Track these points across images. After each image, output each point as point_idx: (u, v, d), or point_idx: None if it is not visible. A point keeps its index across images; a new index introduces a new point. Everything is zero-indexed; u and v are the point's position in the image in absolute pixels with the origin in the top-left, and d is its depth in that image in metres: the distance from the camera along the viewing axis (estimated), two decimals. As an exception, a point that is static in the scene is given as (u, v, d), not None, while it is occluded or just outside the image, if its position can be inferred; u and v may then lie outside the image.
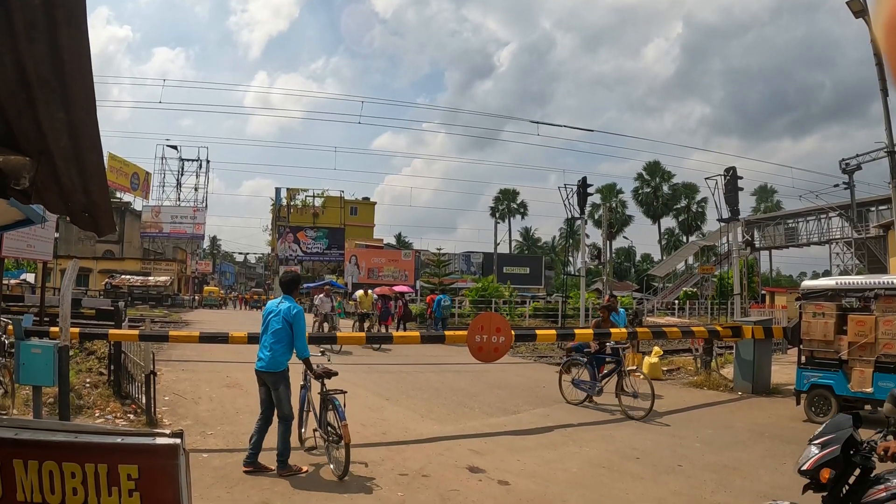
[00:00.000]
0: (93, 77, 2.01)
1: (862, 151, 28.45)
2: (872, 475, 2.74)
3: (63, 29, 1.85)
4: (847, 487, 2.78)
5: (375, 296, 23.37)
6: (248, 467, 5.56)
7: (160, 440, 1.90)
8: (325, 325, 16.92)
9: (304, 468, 5.65)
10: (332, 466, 5.59)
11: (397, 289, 28.01)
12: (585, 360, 9.11)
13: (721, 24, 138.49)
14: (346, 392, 5.71)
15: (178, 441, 1.89)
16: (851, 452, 2.77)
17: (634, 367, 9.33)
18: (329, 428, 5.69)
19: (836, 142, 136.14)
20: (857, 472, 2.77)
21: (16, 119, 2.26)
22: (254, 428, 5.73)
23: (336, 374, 5.94)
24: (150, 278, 47.05)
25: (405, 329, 22.39)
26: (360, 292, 18.70)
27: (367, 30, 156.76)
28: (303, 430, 6.34)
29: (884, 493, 2.59)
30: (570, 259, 61.81)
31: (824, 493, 2.81)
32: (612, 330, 9.42)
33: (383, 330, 21.43)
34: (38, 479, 1.87)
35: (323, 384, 5.78)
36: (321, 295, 17.97)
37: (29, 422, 2.20)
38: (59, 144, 2.30)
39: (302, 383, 6.08)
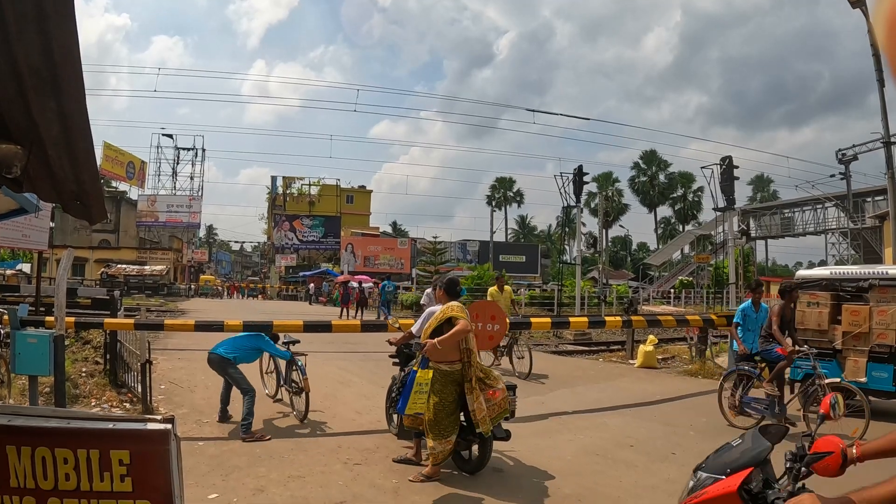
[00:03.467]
0: (82, 66, 2.01)
1: (858, 142, 28.51)
2: None
3: (53, 18, 1.85)
4: None
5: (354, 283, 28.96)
6: (222, 421, 6.89)
7: (151, 426, 1.92)
8: None
9: (267, 437, 6.37)
10: (294, 413, 7.15)
11: (358, 279, 33.60)
12: (758, 371, 7.17)
13: (720, 14, 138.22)
14: (306, 354, 7.30)
15: (168, 427, 1.91)
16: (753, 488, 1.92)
17: (839, 380, 6.97)
18: (293, 383, 7.21)
19: (833, 132, 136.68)
20: None
21: (6, 108, 2.26)
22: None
23: (298, 341, 7.60)
24: (146, 267, 47.08)
25: (363, 313, 25.92)
26: (492, 288, 12.69)
27: (366, 18, 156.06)
28: (266, 390, 8.08)
29: None
30: (566, 247, 61.80)
31: None
32: (608, 318, 9.36)
33: (346, 313, 26.12)
34: (31, 465, 1.89)
35: (288, 348, 7.30)
36: (429, 290, 12.71)
37: (22, 408, 2.21)
38: (50, 133, 2.31)
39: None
